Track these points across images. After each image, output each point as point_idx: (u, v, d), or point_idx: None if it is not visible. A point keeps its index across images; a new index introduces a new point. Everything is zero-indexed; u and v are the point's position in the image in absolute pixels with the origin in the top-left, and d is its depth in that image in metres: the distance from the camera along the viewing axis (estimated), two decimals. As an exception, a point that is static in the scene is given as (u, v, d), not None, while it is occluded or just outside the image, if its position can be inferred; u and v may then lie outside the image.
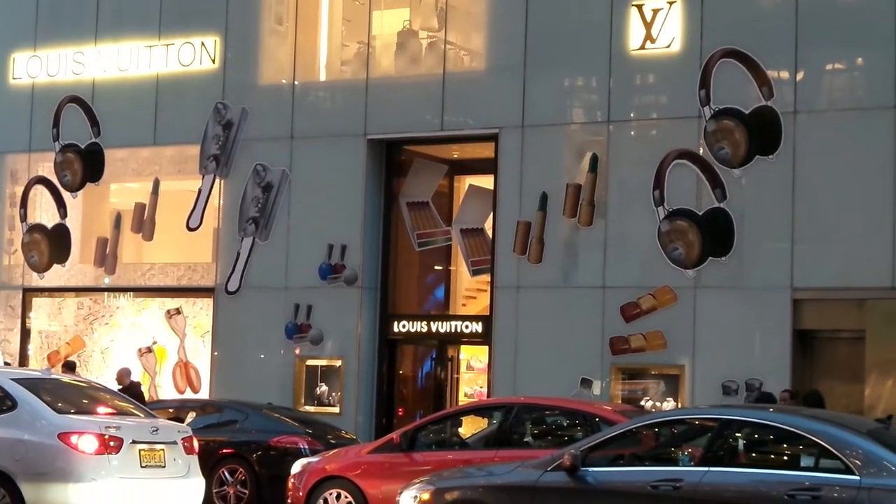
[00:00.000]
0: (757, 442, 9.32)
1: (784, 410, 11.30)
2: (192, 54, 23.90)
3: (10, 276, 25.99)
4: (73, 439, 11.74)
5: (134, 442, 12.10)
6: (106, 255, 24.54)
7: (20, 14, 26.31)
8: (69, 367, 21.83)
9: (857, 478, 7.64)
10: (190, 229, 23.61)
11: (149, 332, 24.38)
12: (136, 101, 24.34)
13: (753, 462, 9.01)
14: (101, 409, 12.92)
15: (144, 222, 24.49)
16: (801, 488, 7.95)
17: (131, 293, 24.82)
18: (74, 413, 12.51)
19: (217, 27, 23.75)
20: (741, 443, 9.08)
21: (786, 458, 9.04)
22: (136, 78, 24.41)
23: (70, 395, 13.38)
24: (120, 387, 19.10)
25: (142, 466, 12.11)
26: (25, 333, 25.28)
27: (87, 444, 11.72)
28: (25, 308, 25.39)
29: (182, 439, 12.82)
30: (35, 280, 25.08)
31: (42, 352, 25.05)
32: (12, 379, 13.03)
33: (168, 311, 23.85)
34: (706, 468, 8.59)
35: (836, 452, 8.03)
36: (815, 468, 8.26)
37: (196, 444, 13.08)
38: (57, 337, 25.30)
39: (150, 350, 23.73)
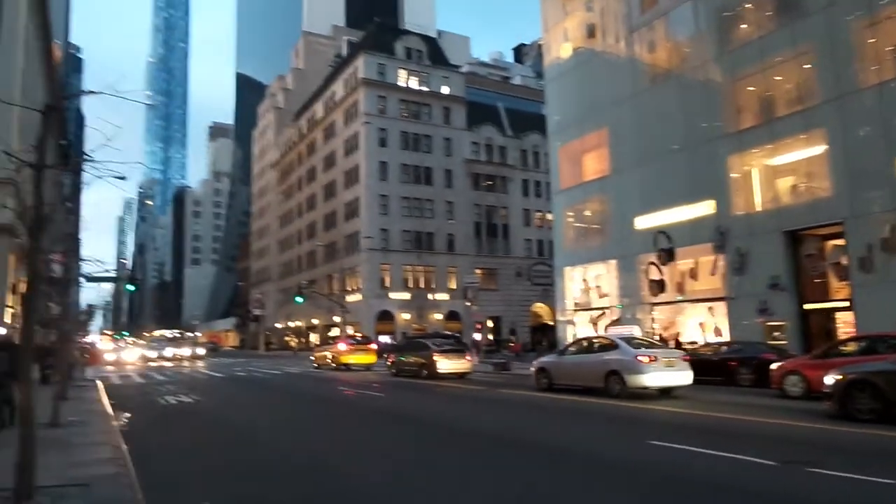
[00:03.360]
0: None
1: None
2: (701, 209, 25.82)
3: (641, 297, 27.86)
4: (640, 357, 14.58)
5: (662, 358, 14.79)
6: (680, 287, 27.16)
7: (635, 200, 28.76)
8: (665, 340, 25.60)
9: None
10: (711, 275, 25.65)
11: (698, 317, 26.69)
12: (686, 231, 25.74)
13: None
14: (656, 348, 15.73)
15: (685, 274, 27.02)
16: None
17: (689, 302, 27.12)
18: (639, 348, 15.13)
19: (714, 195, 25.52)
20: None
21: None
22: (682, 220, 26.22)
23: (639, 342, 16.07)
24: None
25: (665, 367, 14.65)
26: (650, 321, 27.11)
27: (645, 359, 14.53)
28: (650, 312, 27.51)
29: (681, 356, 15.51)
30: (651, 299, 26.57)
31: (656, 329, 26.79)
32: (618, 337, 16.42)
33: (709, 307, 26.09)
34: None
35: None
36: None
37: (686, 357, 15.55)
38: (664, 321, 27.70)
39: (701, 324, 26.20)
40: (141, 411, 14.18)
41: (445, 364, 22.56)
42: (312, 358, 34.38)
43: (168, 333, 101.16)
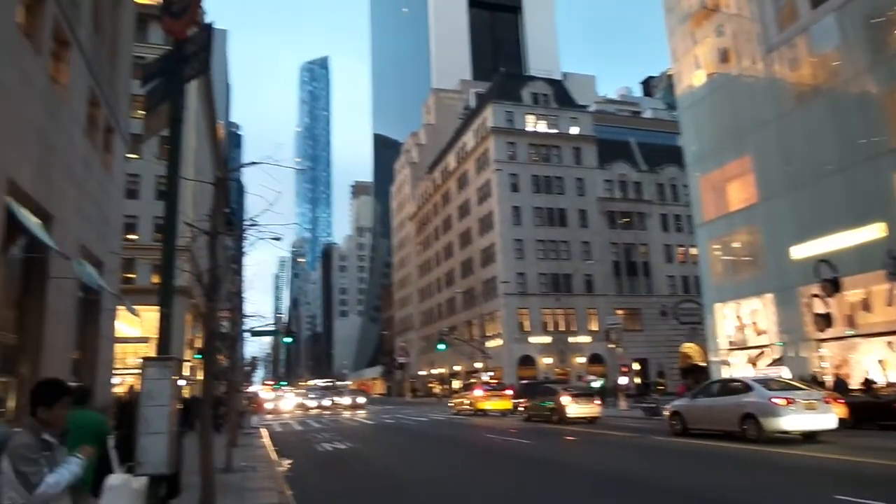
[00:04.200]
0: None
1: None
2: (868, 233, 23.35)
3: (805, 333, 25.48)
4: (775, 400, 14.22)
5: (801, 400, 14.19)
6: (850, 321, 24.31)
7: (789, 228, 26.42)
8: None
9: None
10: (888, 306, 22.40)
11: (876, 354, 23.65)
12: (852, 259, 23.17)
13: None
14: (795, 390, 14.92)
15: (856, 306, 24.37)
16: None
17: (862, 337, 24.13)
18: (774, 390, 14.71)
19: (882, 217, 22.90)
20: None
21: None
22: (846, 246, 23.69)
23: (775, 384, 15.20)
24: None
25: (804, 410, 14.10)
26: (817, 360, 24.89)
27: (781, 401, 14.15)
28: (817, 350, 25.13)
29: (822, 398, 14.78)
30: (817, 335, 23.97)
31: (826, 368, 24.46)
32: (752, 379, 16.91)
33: (888, 342, 23.20)
34: None
35: None
36: None
37: (828, 400, 14.83)
38: (834, 359, 24.92)
39: (881, 361, 23.28)
40: (301, 457, 15.02)
41: (574, 409, 23.08)
42: (451, 404, 35.11)
43: (321, 382, 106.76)
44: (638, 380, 49.69)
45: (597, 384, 39.20)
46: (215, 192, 7.07)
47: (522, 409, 27.14)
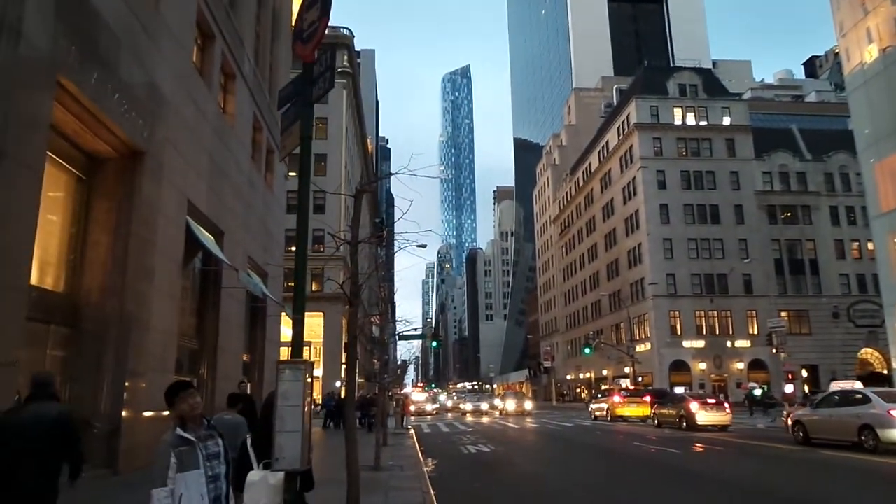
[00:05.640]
0: None
1: None
2: None
3: None
4: (893, 411, 14.03)
5: None
6: None
7: None
8: None
9: None
10: None
11: None
12: None
13: None
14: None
15: None
16: None
17: None
18: (893, 402, 14.38)
19: None
20: None
21: None
22: None
23: (892, 394, 15.19)
24: None
25: None
26: None
27: None
28: None
29: None
30: None
31: None
32: (871, 390, 15.92)
33: None
34: None
35: None
36: None
37: None
38: None
39: None
40: (446, 458, 15.36)
41: (704, 416, 23.30)
42: (591, 409, 35.05)
43: (468, 385, 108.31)
44: (807, 388, 45.27)
45: (757, 392, 36.13)
46: (355, 204, 7.45)
47: (653, 415, 27.48)
